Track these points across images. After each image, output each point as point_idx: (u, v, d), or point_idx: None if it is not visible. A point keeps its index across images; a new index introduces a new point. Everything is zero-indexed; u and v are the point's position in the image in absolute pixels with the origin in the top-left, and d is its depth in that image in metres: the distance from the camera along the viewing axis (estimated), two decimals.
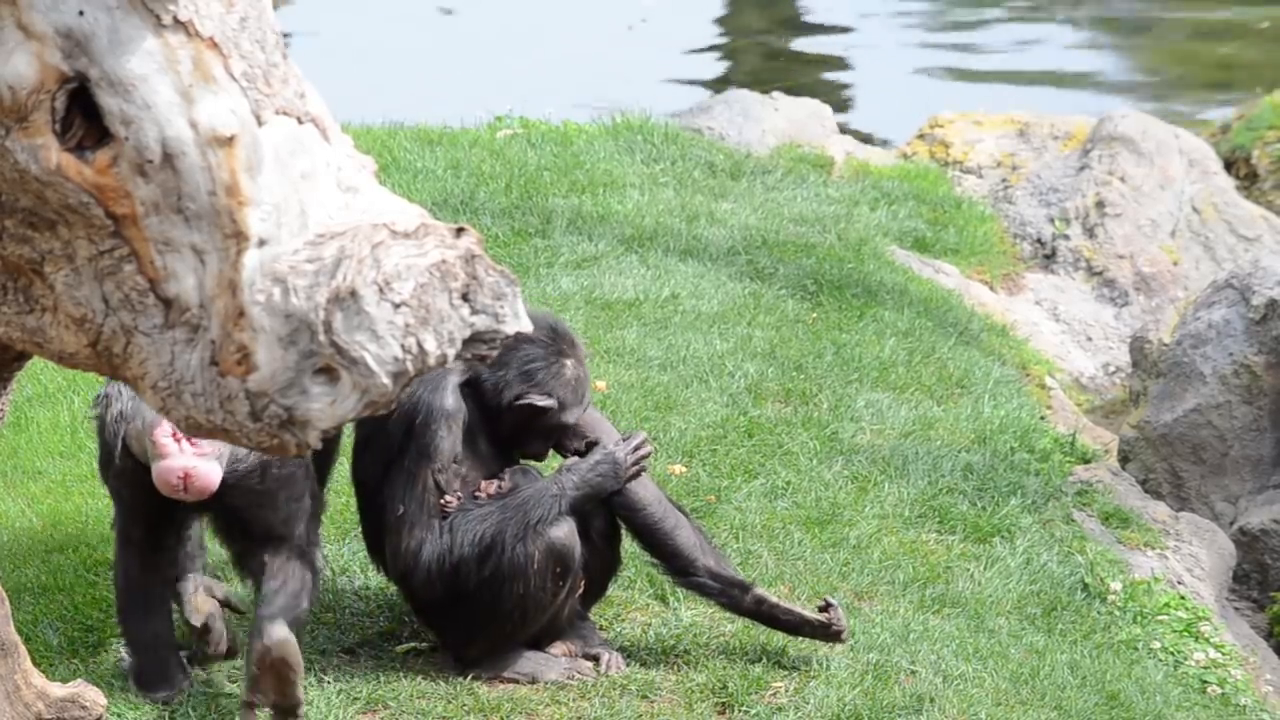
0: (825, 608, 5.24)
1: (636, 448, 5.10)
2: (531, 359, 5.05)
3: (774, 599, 5.26)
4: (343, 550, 5.67)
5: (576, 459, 5.10)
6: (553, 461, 5.29)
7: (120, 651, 5.09)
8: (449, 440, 4.98)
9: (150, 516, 4.85)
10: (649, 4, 18.23)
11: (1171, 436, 8.15)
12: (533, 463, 5.23)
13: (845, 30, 17.50)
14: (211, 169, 2.77)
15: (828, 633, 5.25)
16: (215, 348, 2.79)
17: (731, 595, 5.24)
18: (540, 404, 5.05)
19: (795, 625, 5.26)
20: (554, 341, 5.09)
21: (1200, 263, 10.13)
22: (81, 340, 2.88)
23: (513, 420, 5.07)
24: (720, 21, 17.96)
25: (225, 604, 4.98)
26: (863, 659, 5.29)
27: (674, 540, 5.21)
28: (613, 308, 7.67)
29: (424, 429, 4.96)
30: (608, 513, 5.20)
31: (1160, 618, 6.19)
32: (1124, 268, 10.08)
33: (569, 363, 5.10)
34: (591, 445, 5.12)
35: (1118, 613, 6.11)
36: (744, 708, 5.02)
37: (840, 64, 16.66)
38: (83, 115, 2.79)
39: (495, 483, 5.05)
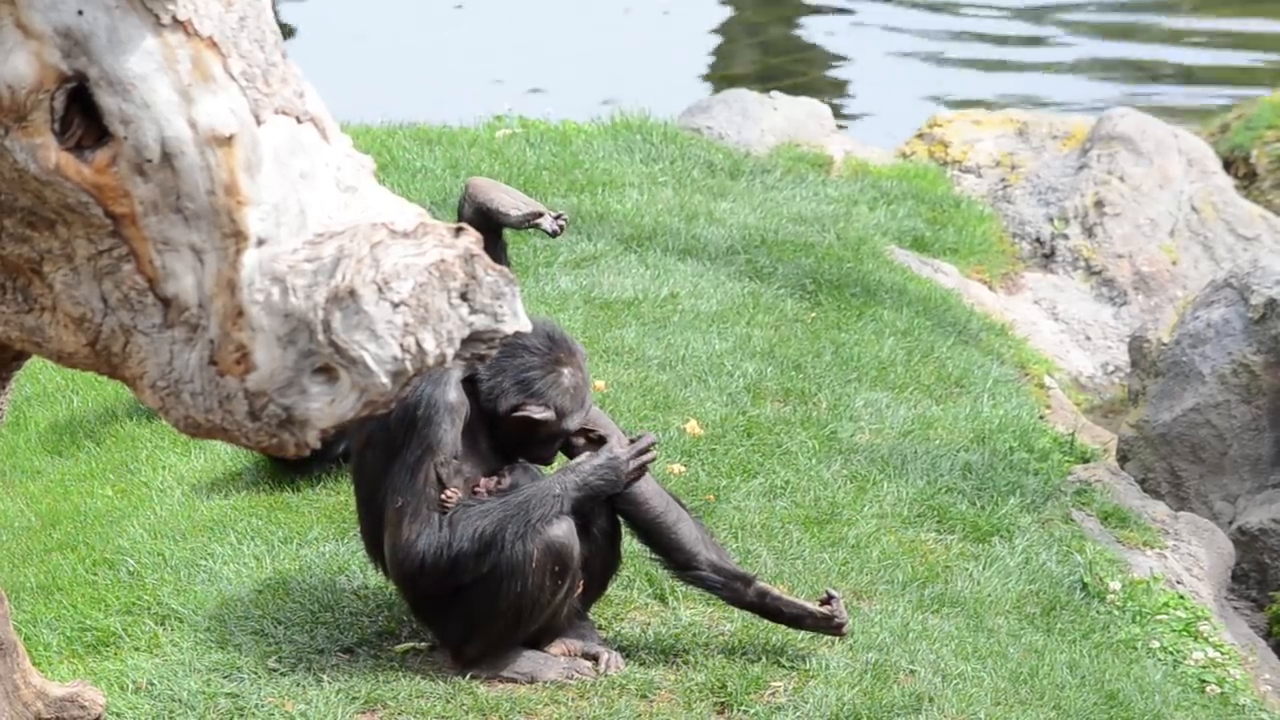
0: (827, 600, 5.25)
1: (640, 452, 5.08)
2: (528, 368, 5.03)
3: (777, 592, 5.26)
4: (342, 549, 5.67)
5: (580, 459, 5.09)
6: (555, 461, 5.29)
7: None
8: (451, 433, 4.96)
9: None
10: (661, 3, 18.23)
11: (1170, 436, 8.14)
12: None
13: (846, 14, 17.51)
14: (210, 168, 2.77)
15: (830, 625, 5.25)
16: (214, 347, 2.79)
17: (734, 589, 5.23)
18: (537, 416, 5.04)
19: (798, 618, 5.26)
20: (551, 349, 5.07)
21: (1199, 262, 10.13)
22: (80, 340, 2.88)
23: (512, 429, 5.07)
24: (721, 21, 17.95)
25: None
26: (862, 658, 5.28)
27: (676, 534, 5.20)
28: (611, 307, 7.67)
29: (426, 421, 4.94)
30: (609, 509, 5.19)
31: (1159, 617, 6.19)
32: (1123, 267, 10.08)
33: (566, 371, 5.08)
34: (599, 442, 5.11)
35: (1116, 612, 6.11)
36: (743, 707, 5.02)
37: (841, 62, 16.65)
38: (82, 115, 2.79)
39: (494, 480, 5.05)
